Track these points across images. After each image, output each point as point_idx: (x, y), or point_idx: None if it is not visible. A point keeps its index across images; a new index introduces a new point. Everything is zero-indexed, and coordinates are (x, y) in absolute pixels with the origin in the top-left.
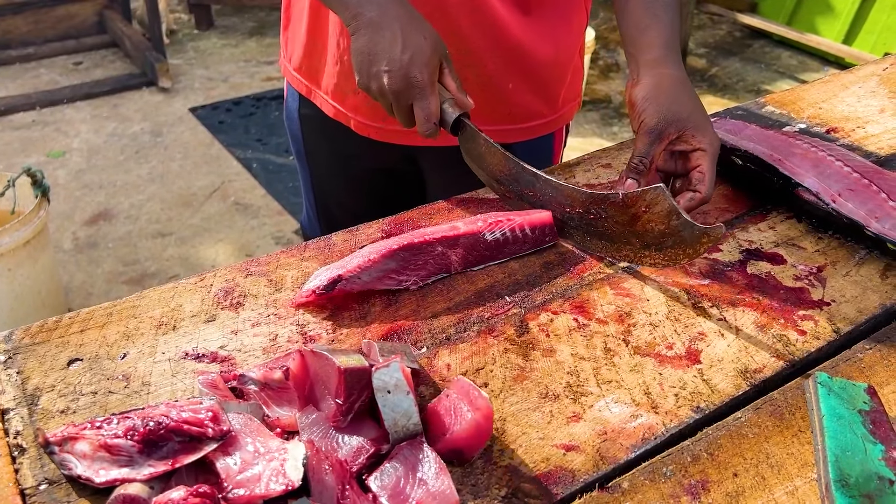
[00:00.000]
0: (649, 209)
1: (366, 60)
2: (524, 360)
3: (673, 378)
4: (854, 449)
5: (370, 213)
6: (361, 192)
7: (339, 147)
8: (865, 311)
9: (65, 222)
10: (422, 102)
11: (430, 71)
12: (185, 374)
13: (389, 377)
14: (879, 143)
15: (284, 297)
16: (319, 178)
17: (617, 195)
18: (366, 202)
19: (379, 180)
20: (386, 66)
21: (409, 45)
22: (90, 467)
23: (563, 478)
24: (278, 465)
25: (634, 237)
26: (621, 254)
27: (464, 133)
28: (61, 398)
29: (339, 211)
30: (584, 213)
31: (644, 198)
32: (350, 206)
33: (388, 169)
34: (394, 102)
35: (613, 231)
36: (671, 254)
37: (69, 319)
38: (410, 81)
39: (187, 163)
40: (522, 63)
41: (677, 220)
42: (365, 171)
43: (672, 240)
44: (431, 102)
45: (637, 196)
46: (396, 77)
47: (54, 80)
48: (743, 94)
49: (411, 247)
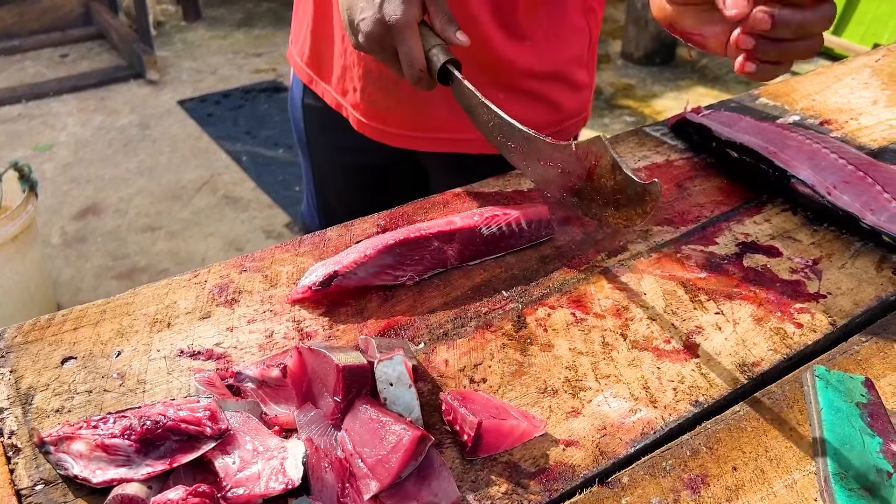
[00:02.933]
0: (598, 162)
1: (347, 16)
2: (522, 356)
3: (671, 372)
4: (852, 442)
5: (369, 208)
6: (361, 187)
7: (340, 140)
8: (861, 304)
9: (53, 217)
10: (402, 45)
11: (404, 9)
12: (181, 371)
13: (392, 370)
14: (873, 134)
15: (280, 293)
16: (319, 169)
17: (571, 146)
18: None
19: (379, 176)
20: (361, 14)
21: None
22: (87, 467)
23: (563, 473)
24: (278, 464)
25: (596, 193)
26: (591, 211)
27: (453, 83)
28: (56, 397)
29: (338, 204)
30: (553, 165)
31: (591, 149)
32: (349, 200)
33: (388, 166)
34: (378, 49)
35: (580, 187)
36: (626, 213)
37: (62, 317)
38: (385, 23)
39: (176, 156)
40: (511, 78)
41: (620, 175)
42: (365, 167)
43: (623, 197)
44: (412, 44)
45: (585, 147)
46: (371, 21)
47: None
48: (733, 85)
49: (407, 242)
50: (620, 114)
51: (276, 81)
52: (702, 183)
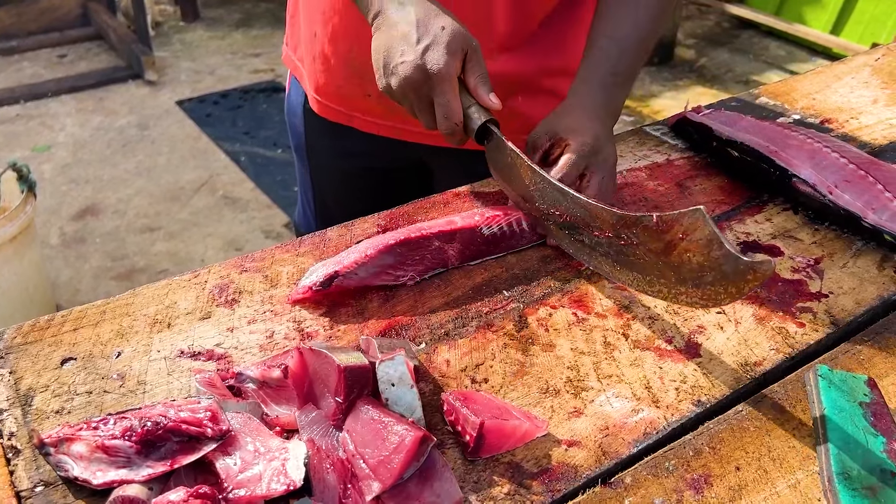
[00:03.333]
0: (686, 236)
1: (383, 57)
2: (524, 356)
3: (673, 372)
4: (856, 442)
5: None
6: (363, 192)
7: (343, 144)
8: (863, 303)
9: (51, 217)
10: (441, 97)
11: (447, 61)
12: (181, 372)
13: (394, 370)
14: (873, 133)
15: (280, 294)
16: (319, 175)
17: (651, 217)
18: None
19: (383, 181)
20: (401, 57)
21: (427, 34)
22: (87, 468)
23: (566, 473)
24: (279, 465)
25: (669, 269)
26: (654, 289)
27: (490, 142)
28: (55, 398)
29: (338, 210)
30: (615, 237)
31: (681, 222)
32: (350, 205)
33: (393, 169)
34: (413, 96)
35: (646, 261)
36: (711, 292)
37: (62, 318)
38: (426, 71)
39: (174, 156)
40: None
41: (719, 251)
42: (369, 171)
43: (712, 275)
44: (450, 97)
45: (673, 219)
46: (411, 66)
47: (38, 73)
48: (731, 84)
49: (408, 242)
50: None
51: (274, 82)
52: (702, 182)
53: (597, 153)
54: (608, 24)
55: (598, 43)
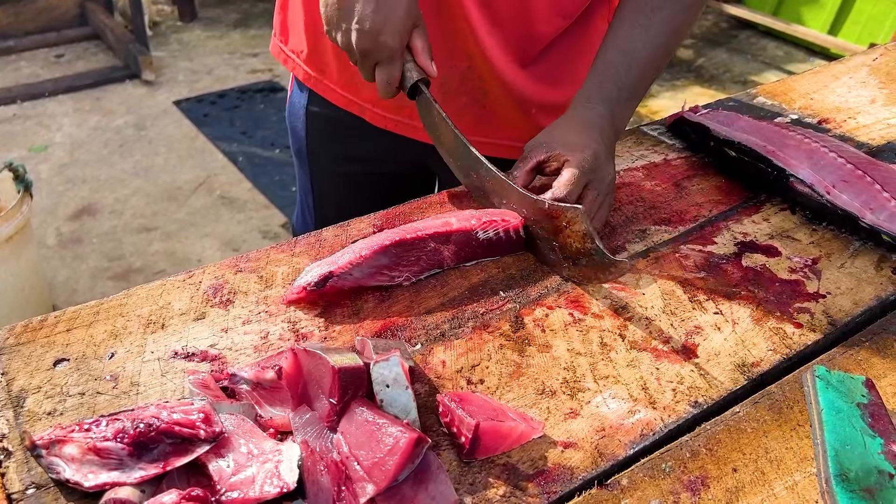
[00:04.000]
0: (569, 226)
1: (336, 12)
2: (520, 356)
3: (670, 373)
4: (853, 443)
5: None
6: (365, 199)
7: (347, 149)
8: (861, 303)
9: (48, 217)
10: (386, 67)
11: (400, 37)
12: (175, 373)
13: (389, 371)
14: (871, 133)
15: (275, 294)
16: (320, 180)
17: (544, 203)
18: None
19: (385, 187)
20: (356, 23)
21: (383, 7)
22: (79, 471)
23: (562, 475)
24: (273, 467)
25: (558, 247)
26: (547, 259)
27: (420, 99)
28: (48, 400)
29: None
30: (518, 209)
31: (565, 214)
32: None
33: (395, 175)
34: (359, 60)
35: (542, 235)
36: (585, 272)
37: (55, 318)
38: (379, 44)
39: (172, 156)
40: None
41: (591, 244)
42: (371, 177)
43: (585, 260)
44: (395, 68)
45: (559, 210)
46: (365, 37)
47: (35, 73)
48: (729, 84)
49: (403, 242)
50: None
51: (272, 81)
52: (700, 182)
53: (595, 171)
54: (620, 38)
55: (606, 55)
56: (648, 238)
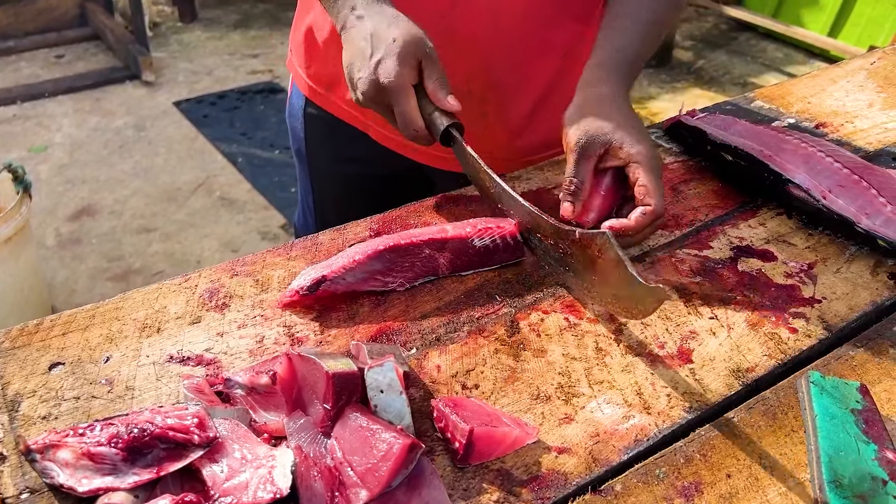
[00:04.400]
0: (601, 254)
1: (347, 72)
2: (515, 361)
3: (665, 378)
4: (847, 449)
5: None
6: (363, 200)
7: (345, 150)
8: (856, 309)
9: (47, 218)
10: (398, 107)
11: (398, 72)
12: (170, 377)
13: (383, 376)
14: (868, 137)
15: (271, 298)
16: (320, 180)
17: (574, 232)
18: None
19: (383, 188)
20: (358, 73)
21: (379, 48)
22: (73, 476)
23: (556, 481)
24: (266, 473)
25: (597, 280)
26: (591, 295)
27: (455, 144)
28: (43, 404)
29: (337, 215)
30: (554, 245)
31: (595, 241)
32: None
33: (393, 177)
34: (376, 108)
35: (579, 270)
36: (627, 306)
37: (50, 322)
38: (380, 85)
39: (171, 157)
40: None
41: (624, 273)
42: (369, 178)
43: (624, 291)
44: (406, 107)
45: (589, 238)
46: (367, 83)
47: (35, 73)
48: (729, 86)
49: (397, 248)
50: None
51: (272, 83)
52: (696, 186)
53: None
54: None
55: (617, 23)
56: (644, 242)
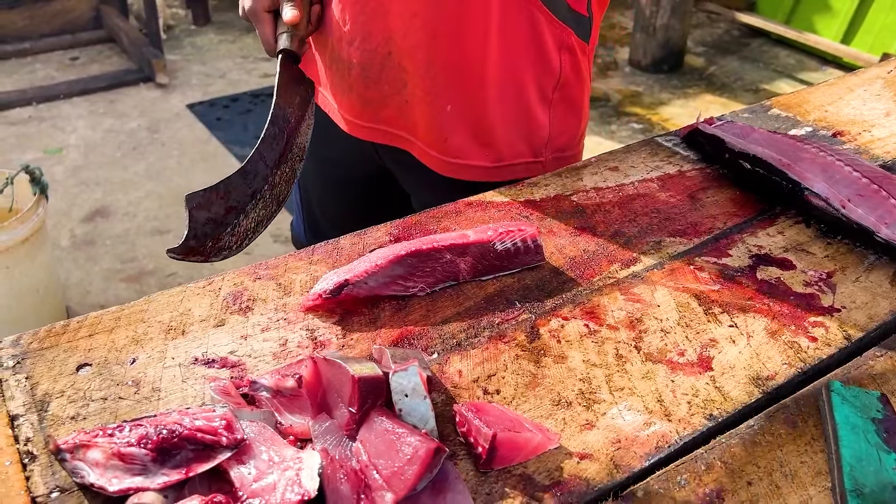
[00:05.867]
0: None
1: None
2: (536, 367)
3: (685, 385)
4: (868, 458)
5: (352, 223)
6: (343, 202)
7: (323, 152)
8: (876, 318)
9: (62, 219)
10: (257, 29)
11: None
12: (196, 379)
13: (407, 381)
14: (886, 146)
15: (294, 302)
16: (304, 178)
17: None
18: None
19: (360, 192)
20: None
21: None
22: (103, 475)
23: (578, 486)
24: (293, 475)
25: None
26: None
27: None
28: (71, 404)
29: (323, 219)
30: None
31: None
32: (333, 214)
33: (367, 180)
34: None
35: None
36: None
37: (77, 324)
38: (244, 10)
39: (185, 159)
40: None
41: None
42: (347, 182)
43: None
44: (260, 29)
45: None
46: (240, 9)
47: (50, 75)
48: (741, 93)
49: (419, 253)
50: (628, 121)
51: None
52: (714, 194)
53: None
54: None
55: None
56: (663, 250)
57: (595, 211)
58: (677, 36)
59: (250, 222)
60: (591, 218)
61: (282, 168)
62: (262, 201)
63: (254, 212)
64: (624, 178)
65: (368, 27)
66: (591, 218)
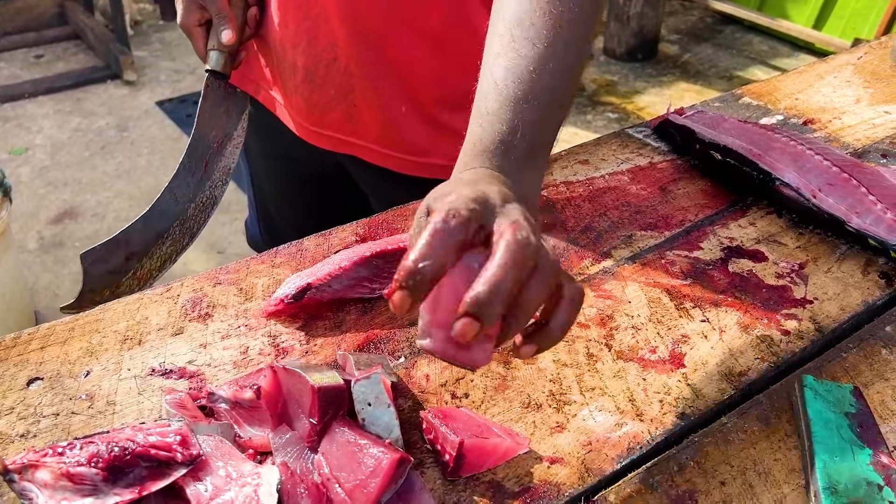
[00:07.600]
0: None
1: None
2: (505, 369)
3: (657, 383)
4: (842, 454)
5: (308, 220)
6: (298, 198)
7: (275, 147)
8: (848, 309)
9: (29, 221)
10: (191, 43)
11: (182, 15)
12: (153, 391)
13: (370, 389)
14: (856, 134)
15: (255, 307)
16: (257, 174)
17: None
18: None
19: (317, 188)
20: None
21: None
22: (52, 497)
23: (548, 492)
24: (251, 491)
25: None
26: None
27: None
28: (21, 421)
29: (278, 216)
30: None
31: None
32: (287, 211)
33: (323, 176)
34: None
35: None
36: None
37: (28, 336)
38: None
39: (155, 158)
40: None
41: None
42: (301, 177)
43: None
44: (194, 45)
45: None
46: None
47: (14, 74)
48: (715, 80)
49: (385, 254)
50: (603, 110)
51: None
52: (685, 186)
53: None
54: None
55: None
56: (634, 244)
57: (565, 206)
58: (651, 24)
59: (155, 262)
60: (561, 213)
61: (198, 199)
62: (170, 239)
63: (160, 250)
64: (594, 172)
65: (314, 32)
66: (561, 213)
